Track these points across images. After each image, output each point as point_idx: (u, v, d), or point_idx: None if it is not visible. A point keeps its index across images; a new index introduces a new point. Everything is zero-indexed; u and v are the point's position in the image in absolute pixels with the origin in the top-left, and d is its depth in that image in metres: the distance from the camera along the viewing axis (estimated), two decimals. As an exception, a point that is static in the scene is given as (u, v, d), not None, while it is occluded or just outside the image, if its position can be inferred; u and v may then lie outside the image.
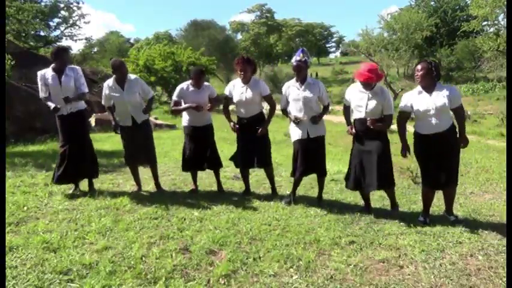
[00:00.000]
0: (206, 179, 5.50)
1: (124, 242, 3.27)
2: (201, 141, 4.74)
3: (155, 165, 4.94)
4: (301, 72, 4.29)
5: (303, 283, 2.74)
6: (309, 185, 5.39)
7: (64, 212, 3.98)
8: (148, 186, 5.15)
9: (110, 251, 3.09)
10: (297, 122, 4.30)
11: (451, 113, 3.82)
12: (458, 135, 3.84)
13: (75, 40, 29.90)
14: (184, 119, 4.82)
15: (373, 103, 3.93)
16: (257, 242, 3.38)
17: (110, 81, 4.61)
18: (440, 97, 3.68)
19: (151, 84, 26.08)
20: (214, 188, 5.23)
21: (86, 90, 4.61)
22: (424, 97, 3.74)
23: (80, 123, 4.62)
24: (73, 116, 4.50)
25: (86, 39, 34.24)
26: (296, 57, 4.29)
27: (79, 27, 29.66)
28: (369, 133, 3.96)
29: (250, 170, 5.04)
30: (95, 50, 56.73)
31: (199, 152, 4.75)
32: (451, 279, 2.83)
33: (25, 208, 4.03)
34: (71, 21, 29.29)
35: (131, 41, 61.62)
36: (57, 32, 29.37)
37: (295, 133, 4.37)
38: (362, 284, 2.75)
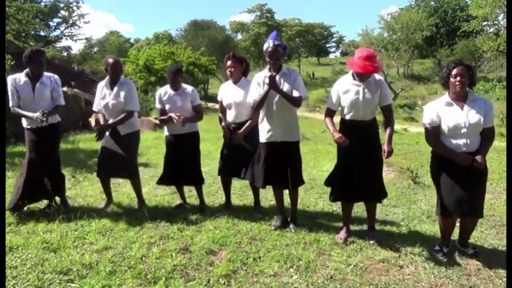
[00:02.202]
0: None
1: (124, 242, 3.27)
2: (182, 152, 4.15)
3: (136, 178, 4.25)
4: (278, 60, 3.48)
5: (303, 283, 2.74)
6: (308, 185, 5.38)
7: (64, 212, 3.97)
8: (149, 185, 5.15)
9: (110, 251, 3.09)
10: (271, 77, 3.39)
11: None
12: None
13: (75, 40, 30.11)
14: (165, 127, 4.30)
15: (368, 96, 3.29)
16: (257, 242, 3.38)
17: (103, 82, 4.15)
18: (474, 112, 3.01)
19: (151, 84, 26.14)
20: (214, 187, 5.23)
21: (63, 103, 4.06)
22: (455, 111, 3.05)
23: (50, 138, 4.00)
24: (43, 131, 3.91)
25: (86, 39, 34.40)
26: (273, 41, 3.44)
27: (79, 27, 29.80)
28: (362, 136, 3.34)
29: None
30: (95, 50, 56.82)
31: (178, 165, 4.18)
32: (451, 279, 2.83)
33: (25, 208, 4.02)
34: (70, 21, 29.37)
35: (131, 41, 61.64)
36: (57, 32, 29.45)
37: (262, 134, 3.64)
38: (362, 284, 2.75)
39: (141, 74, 25.68)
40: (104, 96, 4.08)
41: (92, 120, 13.75)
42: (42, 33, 27.90)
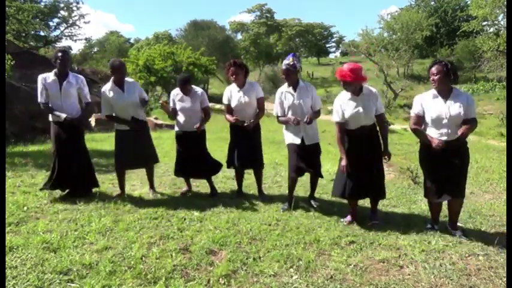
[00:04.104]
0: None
1: (124, 242, 3.27)
2: (193, 146, 4.68)
3: (153, 165, 4.87)
4: (290, 77, 4.19)
5: (303, 283, 2.74)
6: (308, 185, 5.38)
7: (64, 212, 3.98)
8: (148, 186, 5.14)
9: (110, 251, 3.09)
10: (298, 123, 4.12)
11: None
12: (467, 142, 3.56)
13: (75, 40, 30.05)
14: (176, 124, 4.78)
15: (362, 107, 3.71)
16: (257, 242, 3.38)
17: (108, 85, 4.52)
18: (456, 106, 3.39)
19: (151, 84, 26.12)
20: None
21: (90, 100, 4.62)
22: (439, 103, 3.45)
23: (77, 133, 4.51)
24: (71, 125, 4.38)
25: (86, 39, 34.35)
26: (285, 61, 4.21)
27: (79, 27, 29.73)
28: (367, 141, 3.77)
29: (249, 171, 5.01)
30: (95, 50, 56.81)
31: (193, 158, 4.69)
32: (451, 279, 2.83)
33: (25, 208, 4.03)
34: (70, 21, 29.33)
35: (131, 41, 61.61)
36: (57, 32, 29.42)
37: (289, 137, 4.30)
38: (362, 284, 2.75)
39: (141, 74, 25.66)
40: (117, 98, 4.46)
41: (92, 121, 13.78)
42: (42, 33, 27.84)
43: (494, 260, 3.13)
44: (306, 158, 4.23)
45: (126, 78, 4.57)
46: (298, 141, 4.22)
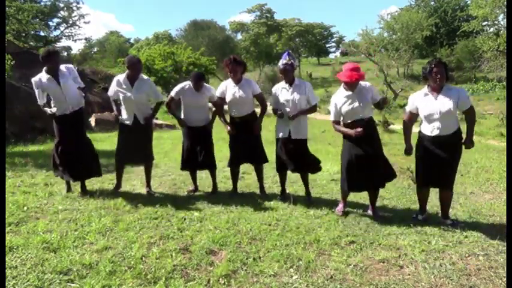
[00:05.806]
0: (206, 179, 5.50)
1: (124, 242, 3.27)
2: (198, 140, 4.76)
3: (151, 163, 4.93)
4: (288, 75, 4.39)
5: (303, 283, 2.74)
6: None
7: (64, 212, 3.98)
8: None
9: (110, 251, 3.09)
10: (281, 116, 4.42)
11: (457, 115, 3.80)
12: (463, 138, 3.79)
13: (75, 40, 29.96)
14: (183, 118, 4.83)
15: (357, 102, 3.91)
16: (257, 242, 3.38)
17: (121, 77, 4.63)
18: (446, 101, 3.63)
19: (151, 84, 26.06)
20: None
21: (83, 84, 4.69)
22: (430, 100, 3.72)
23: (81, 121, 4.66)
24: (75, 115, 4.52)
25: (86, 39, 34.34)
26: (282, 61, 4.38)
27: (79, 27, 29.73)
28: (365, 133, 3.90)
29: (249, 170, 5.05)
30: (95, 50, 56.82)
31: (196, 151, 4.76)
32: (451, 279, 2.83)
33: (25, 208, 4.03)
34: (70, 21, 29.33)
35: (131, 41, 61.61)
36: (57, 32, 29.41)
37: (278, 132, 4.52)
38: (362, 284, 2.75)
39: (140, 74, 25.63)
40: (124, 90, 4.55)
41: (92, 120, 13.78)
42: (42, 33, 27.83)
43: (494, 260, 3.13)
44: (292, 153, 4.42)
45: (142, 75, 4.66)
46: (285, 134, 4.43)
